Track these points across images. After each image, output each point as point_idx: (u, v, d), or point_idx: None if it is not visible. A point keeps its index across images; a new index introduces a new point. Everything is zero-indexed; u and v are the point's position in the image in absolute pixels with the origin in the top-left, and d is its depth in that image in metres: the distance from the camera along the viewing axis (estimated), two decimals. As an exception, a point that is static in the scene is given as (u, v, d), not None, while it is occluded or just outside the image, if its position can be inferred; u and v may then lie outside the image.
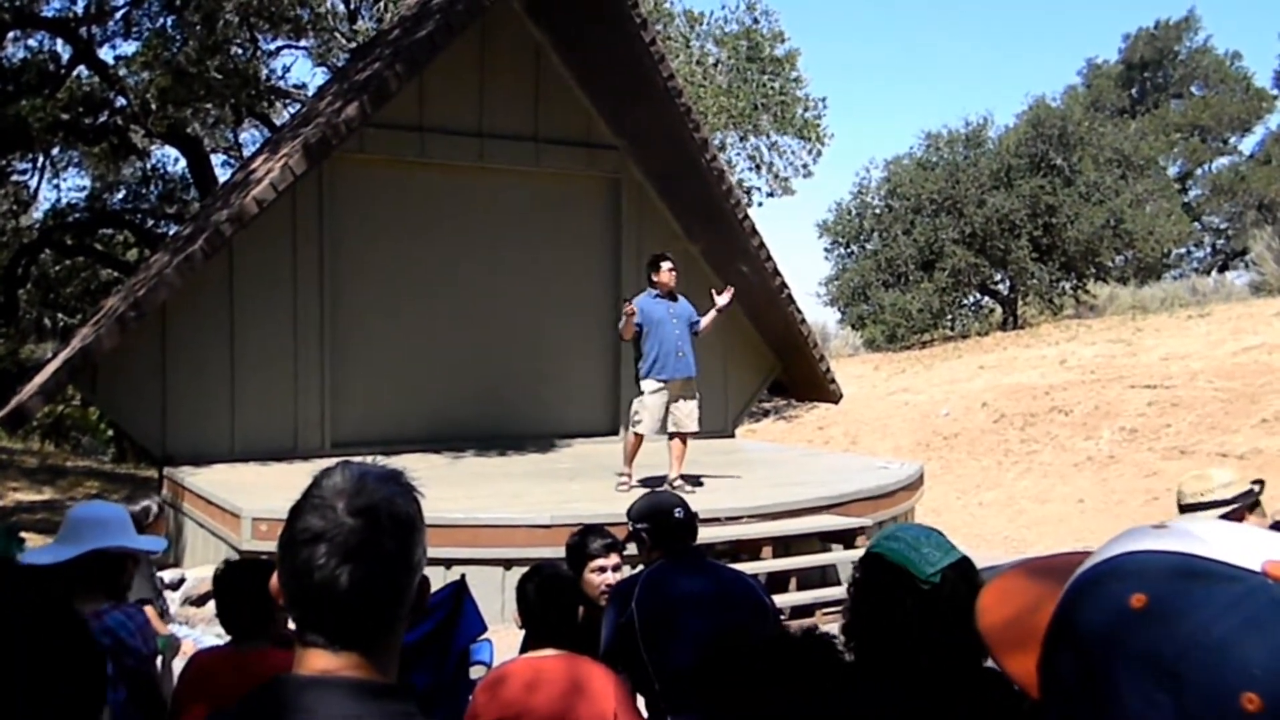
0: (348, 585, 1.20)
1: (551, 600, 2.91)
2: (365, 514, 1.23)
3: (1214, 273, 28.06)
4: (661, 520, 3.36)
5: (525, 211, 11.06)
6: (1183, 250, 31.03)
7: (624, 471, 7.74)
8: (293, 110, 16.82)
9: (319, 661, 1.20)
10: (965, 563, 1.92)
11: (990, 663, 0.80)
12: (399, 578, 1.24)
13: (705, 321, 7.75)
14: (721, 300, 7.70)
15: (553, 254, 11.18)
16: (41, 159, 18.97)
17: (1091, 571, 0.75)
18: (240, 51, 16.17)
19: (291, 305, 9.97)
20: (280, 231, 9.87)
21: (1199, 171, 33.61)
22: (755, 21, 18.98)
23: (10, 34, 16.01)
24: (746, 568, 5.63)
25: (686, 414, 7.75)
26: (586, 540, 3.62)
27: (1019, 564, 0.85)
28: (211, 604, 3.58)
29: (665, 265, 7.70)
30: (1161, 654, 0.67)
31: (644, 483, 7.78)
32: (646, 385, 7.64)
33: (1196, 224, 31.54)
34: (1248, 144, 33.68)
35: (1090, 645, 0.71)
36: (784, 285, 11.42)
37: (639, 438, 7.72)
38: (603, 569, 3.55)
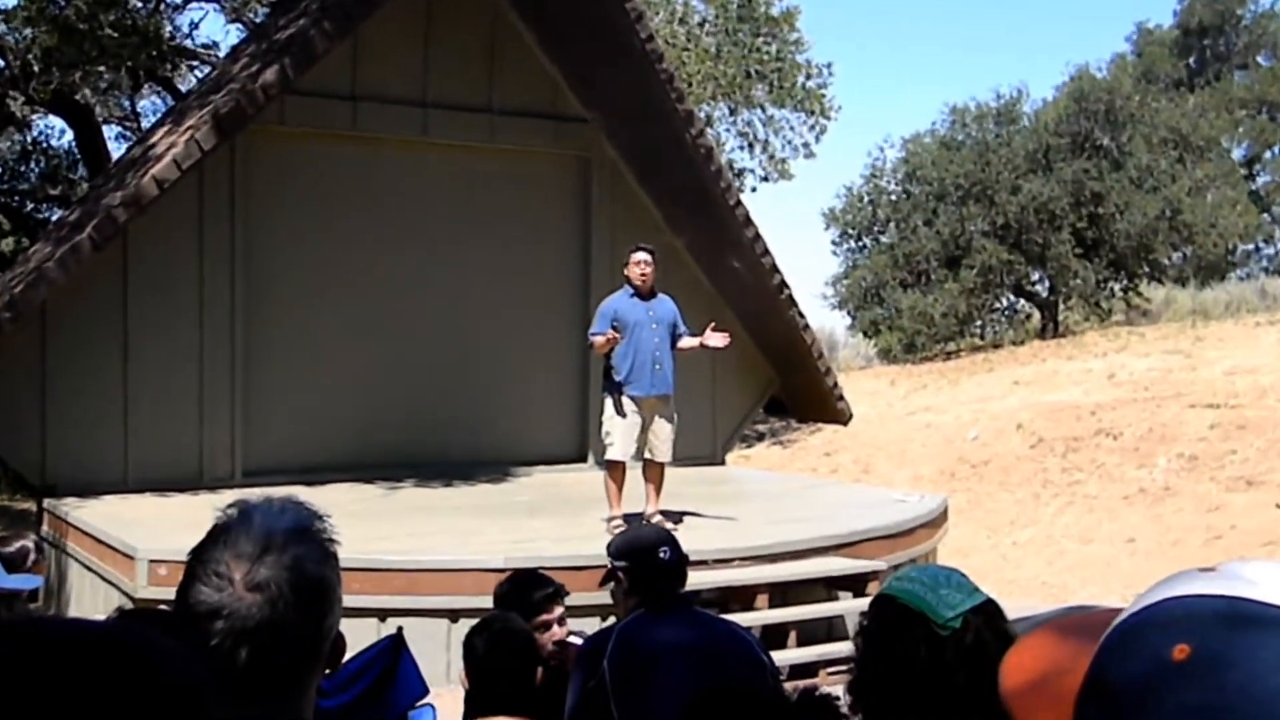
0: (246, 663, 1.25)
1: (504, 659, 2.89)
2: (267, 588, 1.27)
3: (1286, 273, 28.42)
4: (644, 560, 3.34)
5: (478, 196, 11.06)
6: (1250, 246, 31.43)
7: (613, 515, 7.69)
8: (201, 74, 16.75)
9: None
10: (990, 606, 1.94)
11: None
12: (307, 650, 1.30)
13: (687, 343, 7.74)
14: (712, 341, 7.65)
15: (511, 246, 11.19)
16: (-102, 130, 18.81)
17: (1129, 620, 0.76)
18: (140, 5, 16.11)
19: (197, 306, 9.92)
20: (184, 218, 9.83)
21: (1268, 154, 34.06)
22: (748, -26, 19.10)
23: None
24: (739, 619, 5.63)
25: (662, 439, 7.75)
26: (523, 591, 3.57)
27: (1051, 619, 0.87)
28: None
29: (634, 258, 7.68)
30: (1206, 710, 0.68)
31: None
32: (613, 401, 7.65)
33: (1265, 215, 31.95)
34: (1325, 122, 34.14)
35: (1125, 703, 0.72)
36: (783, 285, 11.47)
37: (616, 467, 7.69)
38: (547, 625, 3.53)
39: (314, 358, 10.39)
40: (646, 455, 7.80)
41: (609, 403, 7.71)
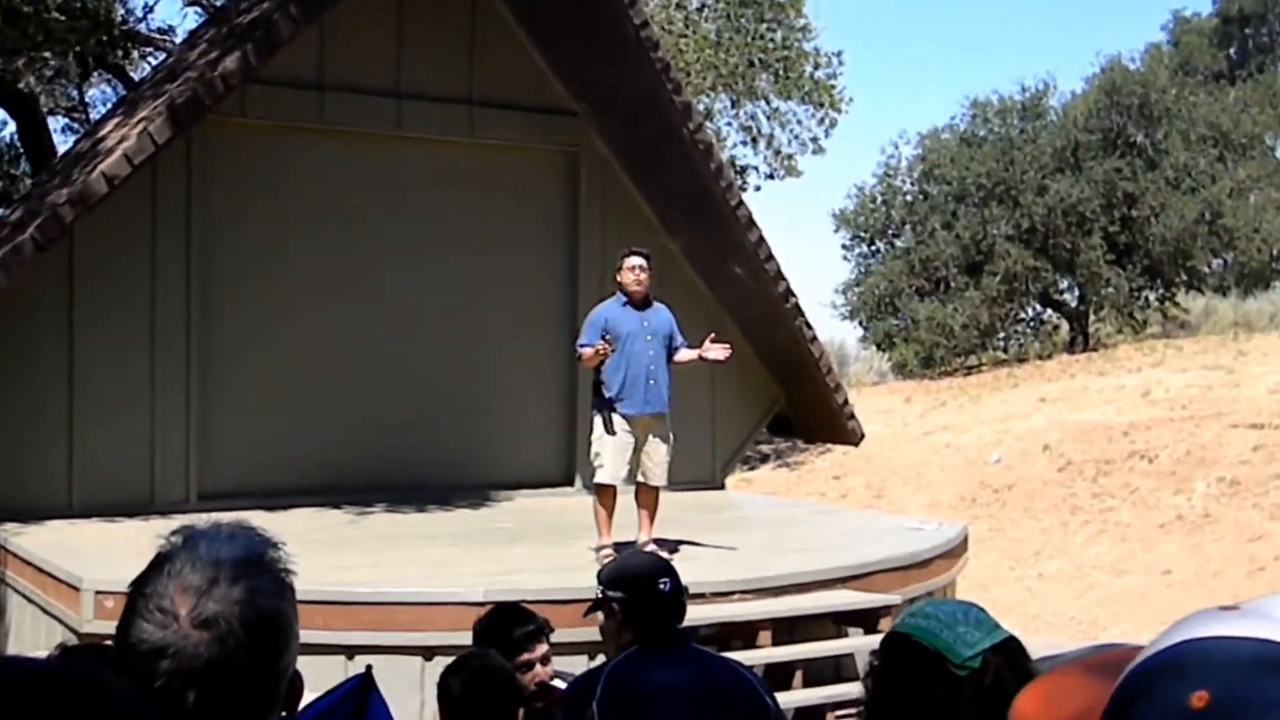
0: (195, 706, 1.24)
1: (483, 699, 2.91)
2: (216, 624, 1.26)
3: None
4: (641, 591, 3.32)
5: (457, 195, 11.07)
6: (1296, 252, 31.49)
7: (602, 544, 7.69)
8: (155, 61, 16.78)
9: None
10: (1012, 644, 1.95)
11: None
12: (261, 692, 1.29)
13: (685, 356, 7.76)
14: (712, 353, 7.68)
15: (492, 250, 11.20)
16: None
17: (1146, 663, 0.75)
18: (89, -15, 16.12)
19: (149, 313, 9.91)
20: (136, 218, 9.81)
21: (1316, 153, 34.17)
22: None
23: None
24: (740, 658, 5.61)
25: (656, 461, 7.74)
26: (504, 626, 3.57)
27: (1076, 658, 0.87)
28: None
29: (628, 263, 7.67)
30: None
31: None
32: (602, 419, 7.64)
33: (1314, 219, 32.01)
34: (1377, 118, 34.28)
35: None
36: (789, 292, 11.49)
37: (605, 491, 7.69)
38: (529, 664, 3.52)
39: (277, 371, 10.37)
40: (639, 479, 7.78)
41: (598, 421, 7.69)
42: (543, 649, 3.56)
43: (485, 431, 11.09)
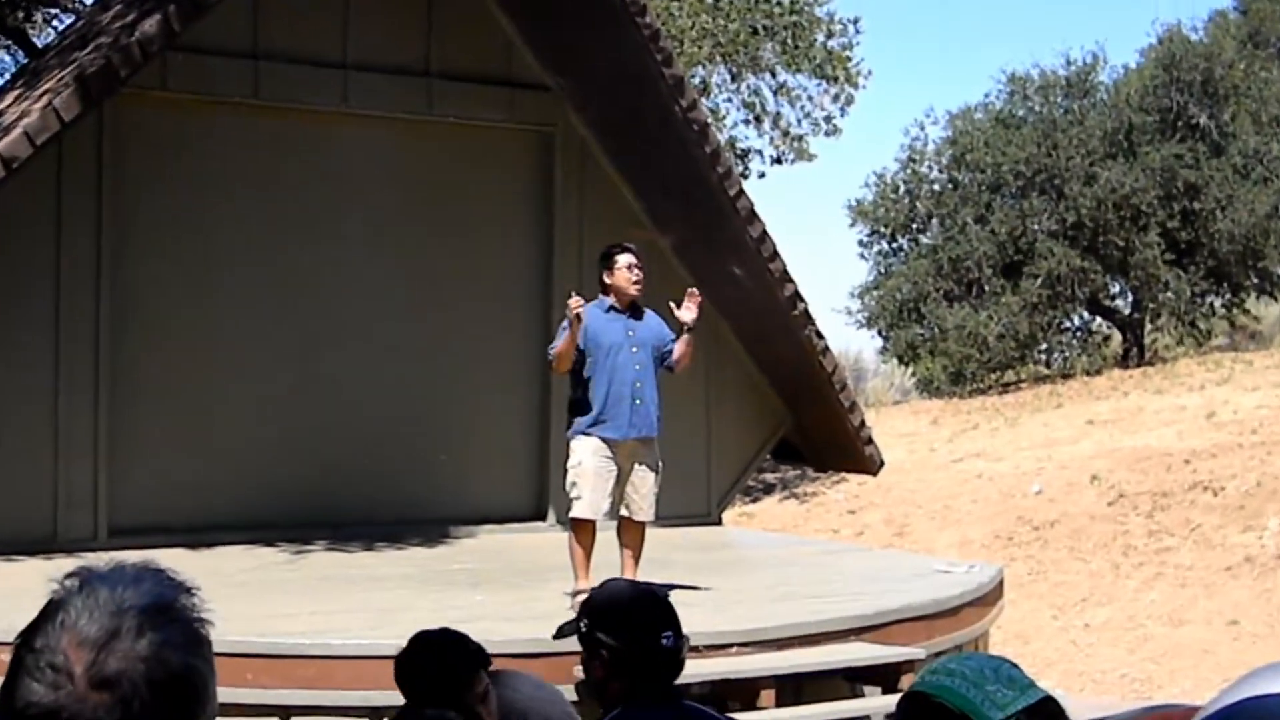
0: None
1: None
2: (118, 684, 1.24)
3: None
4: (640, 642, 3.31)
5: (412, 182, 11.08)
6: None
7: (579, 588, 7.68)
8: (63, 25, 16.75)
9: None
10: (1049, 706, 1.96)
11: None
12: None
13: (678, 354, 7.77)
14: (685, 313, 7.69)
15: (452, 244, 11.19)
16: None
17: None
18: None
19: (52, 320, 9.88)
20: (38, 206, 9.79)
21: (1407, 137, 34.33)
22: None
23: None
24: (737, 720, 5.63)
25: (642, 493, 7.74)
26: (436, 658, 3.60)
27: (1131, 717, 0.88)
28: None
29: (622, 260, 7.70)
30: None
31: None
32: (582, 444, 7.65)
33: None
34: None
35: None
36: (797, 296, 11.47)
37: (583, 527, 7.68)
38: (479, 700, 3.54)
39: (202, 385, 10.35)
40: (623, 513, 7.78)
41: (576, 446, 7.69)
42: (483, 684, 3.55)
43: (444, 457, 11.07)
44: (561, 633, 3.51)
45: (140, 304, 10.20)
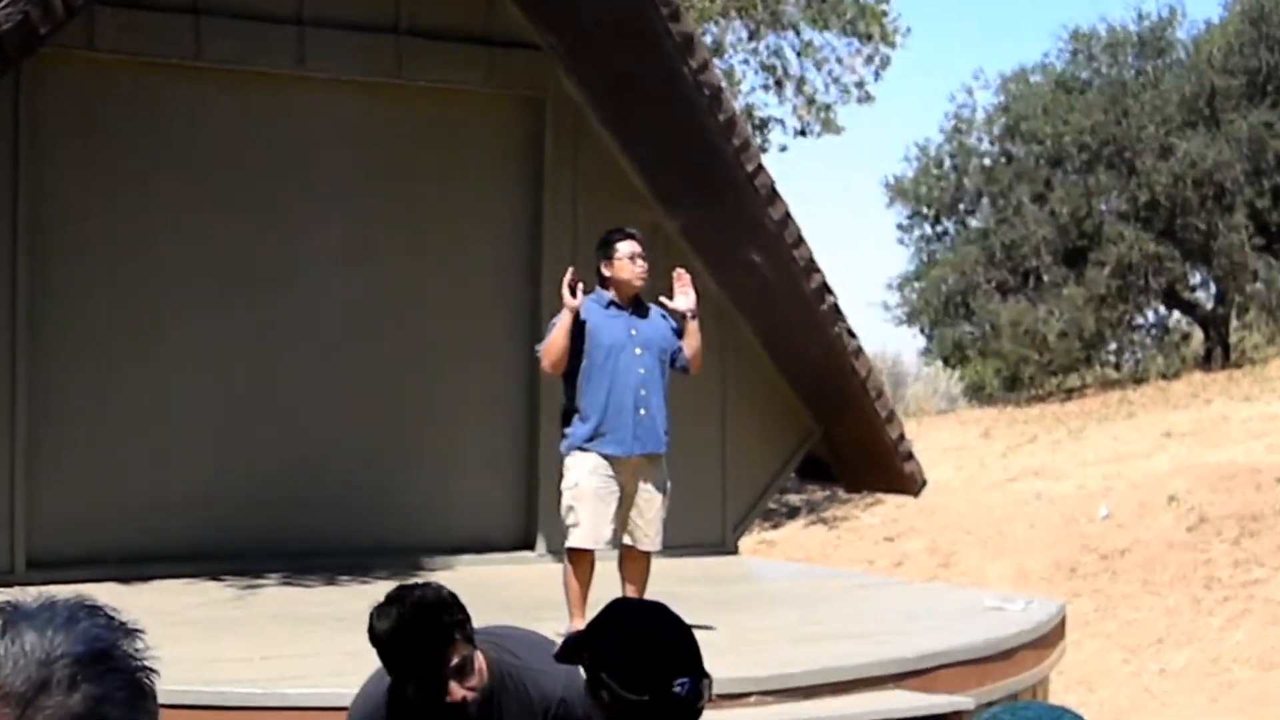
0: None
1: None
2: None
3: None
4: (650, 688, 3.27)
5: (378, 155, 11.03)
6: None
7: (574, 629, 7.65)
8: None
9: None
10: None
11: None
12: None
13: (688, 349, 7.78)
14: (680, 300, 7.72)
15: (426, 227, 11.15)
16: None
17: None
18: None
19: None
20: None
21: None
22: None
23: None
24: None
25: (648, 518, 7.73)
26: (423, 620, 3.83)
27: None
28: None
29: (624, 248, 7.69)
30: None
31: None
32: (578, 462, 7.63)
33: None
34: None
35: None
36: (825, 289, 11.43)
37: (580, 559, 7.66)
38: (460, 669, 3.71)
39: (136, 392, 10.30)
40: (625, 541, 7.76)
41: (571, 463, 7.67)
42: (461, 653, 3.74)
43: (416, 476, 11.05)
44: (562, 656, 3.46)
45: (62, 299, 10.15)
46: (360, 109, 11.05)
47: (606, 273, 7.73)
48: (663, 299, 7.82)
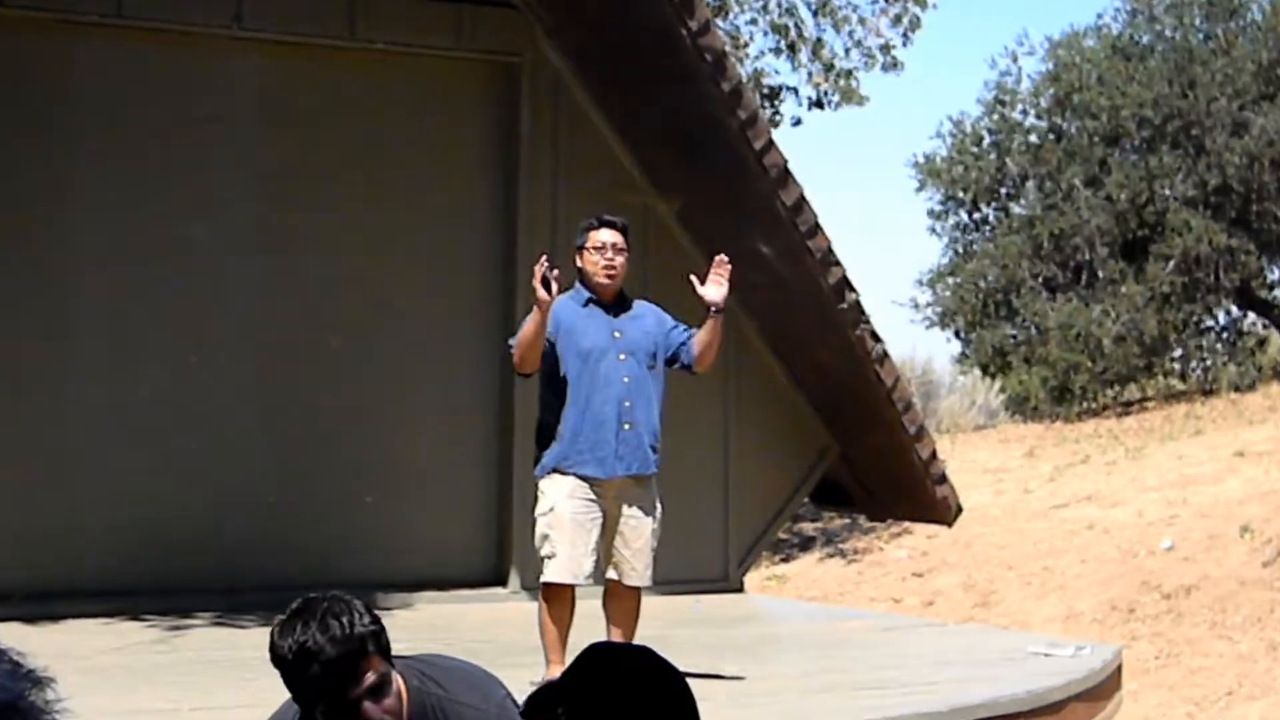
0: None
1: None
2: None
3: None
4: None
5: (330, 129, 11.16)
6: None
7: (550, 678, 7.63)
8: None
9: None
10: None
11: None
12: None
13: (700, 344, 7.79)
14: (711, 290, 7.67)
15: (383, 214, 11.27)
16: None
17: None
18: None
19: None
20: None
21: None
22: None
23: None
24: None
25: (636, 549, 7.77)
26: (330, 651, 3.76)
27: None
28: None
29: (595, 237, 7.76)
30: None
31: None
32: (554, 485, 7.69)
33: None
34: None
35: None
36: (846, 284, 11.45)
37: (558, 595, 7.72)
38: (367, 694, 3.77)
39: (44, 402, 10.40)
40: (610, 575, 7.83)
41: (547, 487, 7.74)
42: (377, 670, 3.79)
43: (369, 500, 11.11)
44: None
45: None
46: (306, 76, 11.22)
47: (578, 264, 7.82)
48: (693, 277, 7.78)
